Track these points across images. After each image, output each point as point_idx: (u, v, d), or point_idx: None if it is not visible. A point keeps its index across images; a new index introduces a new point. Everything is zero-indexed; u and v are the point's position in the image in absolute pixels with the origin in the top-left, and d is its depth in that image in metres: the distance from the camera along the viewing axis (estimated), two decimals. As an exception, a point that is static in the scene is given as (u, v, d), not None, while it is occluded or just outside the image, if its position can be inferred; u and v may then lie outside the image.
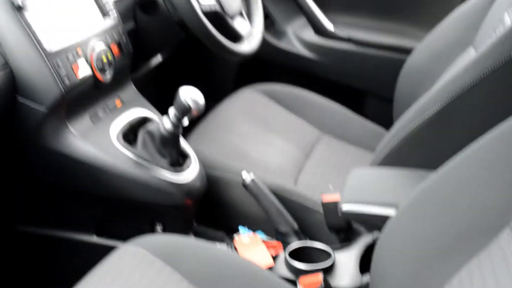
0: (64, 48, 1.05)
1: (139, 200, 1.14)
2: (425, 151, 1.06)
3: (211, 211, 1.27)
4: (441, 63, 1.41)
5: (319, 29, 1.79)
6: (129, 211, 1.18)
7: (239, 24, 1.41)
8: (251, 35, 1.44)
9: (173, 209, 1.16)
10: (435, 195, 0.79)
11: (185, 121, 1.11)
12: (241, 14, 1.46)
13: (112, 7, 1.20)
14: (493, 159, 0.72)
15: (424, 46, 1.49)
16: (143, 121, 1.21)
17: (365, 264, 1.07)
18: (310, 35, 1.82)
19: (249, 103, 1.58)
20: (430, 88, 1.39)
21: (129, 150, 1.12)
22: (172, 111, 1.10)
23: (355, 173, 1.10)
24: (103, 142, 1.11)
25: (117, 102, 1.21)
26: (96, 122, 1.14)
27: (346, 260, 1.08)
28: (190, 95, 1.07)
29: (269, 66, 1.87)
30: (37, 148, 1.07)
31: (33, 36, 1.00)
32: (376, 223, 0.98)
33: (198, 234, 1.24)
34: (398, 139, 1.10)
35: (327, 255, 1.07)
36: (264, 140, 1.48)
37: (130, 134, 1.17)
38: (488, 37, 1.26)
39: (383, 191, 1.00)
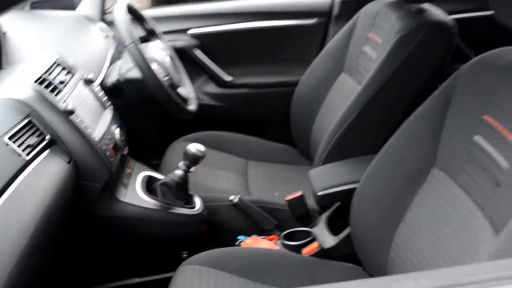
0: (102, 136, 1.50)
1: (171, 235, 1.61)
2: (356, 143, 1.74)
3: (212, 233, 1.78)
4: (323, 88, 2.12)
5: (219, 81, 2.41)
6: (162, 249, 1.64)
7: (183, 91, 1.95)
8: (192, 98, 1.98)
9: (195, 237, 1.66)
10: (385, 161, 1.45)
11: (193, 168, 1.63)
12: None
13: (106, 100, 1.66)
14: (415, 132, 1.41)
15: (307, 78, 2.19)
16: (151, 178, 1.70)
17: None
18: (212, 88, 2.43)
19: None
20: (320, 107, 2.10)
21: (156, 200, 1.60)
22: (183, 162, 1.60)
23: (313, 172, 1.73)
24: (137, 200, 1.57)
25: (129, 170, 1.67)
26: (125, 187, 1.59)
27: (320, 232, 1.69)
28: (197, 148, 1.59)
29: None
30: (94, 217, 1.49)
31: (84, 131, 1.43)
32: (344, 196, 1.61)
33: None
34: (333, 142, 1.76)
35: (307, 233, 1.67)
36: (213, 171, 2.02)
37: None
38: (355, 65, 2.00)
39: (343, 174, 1.65)
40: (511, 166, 1.11)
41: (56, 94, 1.42)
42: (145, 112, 2.05)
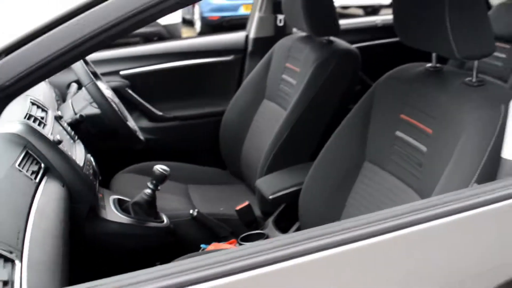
0: (84, 162, 1.68)
1: (147, 247, 1.81)
2: (290, 156, 2.08)
3: (177, 245, 1.99)
4: (248, 114, 2.46)
5: (151, 116, 2.64)
6: (140, 260, 1.82)
7: (130, 124, 2.16)
8: (137, 130, 2.20)
9: (165, 247, 1.87)
10: (324, 162, 1.79)
11: (159, 187, 1.85)
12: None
13: (74, 134, 1.83)
14: (346, 136, 1.76)
15: (232, 107, 2.51)
16: (121, 200, 1.89)
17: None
18: (145, 123, 2.66)
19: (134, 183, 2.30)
20: (247, 131, 2.42)
21: (131, 218, 1.80)
22: (150, 182, 1.82)
23: (260, 181, 2.03)
24: (116, 218, 1.76)
25: (100, 195, 1.84)
26: (104, 208, 1.77)
27: (270, 232, 1.99)
28: (163, 168, 1.82)
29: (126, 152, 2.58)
30: (85, 235, 1.66)
31: (71, 159, 1.60)
32: (290, 197, 1.92)
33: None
34: (271, 158, 2.09)
35: (261, 234, 1.96)
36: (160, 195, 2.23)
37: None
38: (276, 91, 2.36)
39: (288, 179, 1.97)
40: (428, 149, 1.49)
41: (43, 128, 1.59)
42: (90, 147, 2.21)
